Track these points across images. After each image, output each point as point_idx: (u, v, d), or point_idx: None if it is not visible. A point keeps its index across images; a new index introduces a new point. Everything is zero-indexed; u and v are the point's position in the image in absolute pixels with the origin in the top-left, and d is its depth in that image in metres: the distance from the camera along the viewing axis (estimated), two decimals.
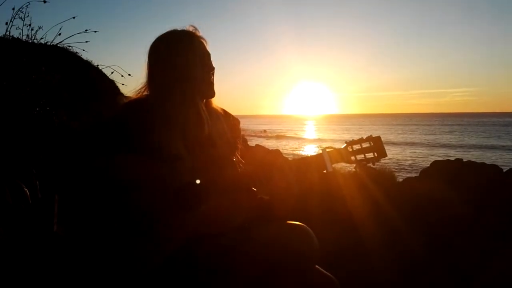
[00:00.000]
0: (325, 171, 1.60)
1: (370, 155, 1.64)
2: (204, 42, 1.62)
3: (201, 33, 1.63)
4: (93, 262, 1.42)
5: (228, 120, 1.71)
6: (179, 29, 1.62)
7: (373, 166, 1.66)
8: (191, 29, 1.62)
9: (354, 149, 1.63)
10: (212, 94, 1.63)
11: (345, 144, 1.64)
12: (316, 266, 1.54)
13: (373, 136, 1.65)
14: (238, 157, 1.67)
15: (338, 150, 1.63)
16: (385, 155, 1.65)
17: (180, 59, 1.55)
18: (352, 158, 1.63)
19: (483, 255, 2.92)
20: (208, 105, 1.65)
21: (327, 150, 1.61)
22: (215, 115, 1.65)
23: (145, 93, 1.61)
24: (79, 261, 1.48)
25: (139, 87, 1.62)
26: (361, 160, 1.63)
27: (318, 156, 1.60)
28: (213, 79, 1.62)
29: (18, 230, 2.32)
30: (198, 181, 1.46)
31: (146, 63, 1.61)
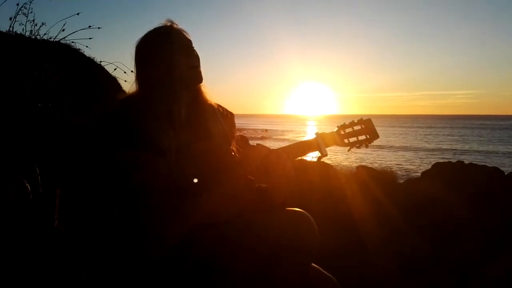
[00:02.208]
0: (319, 154, 1.62)
1: (362, 137, 1.66)
2: (181, 32, 1.63)
3: (179, 24, 1.65)
4: (96, 256, 1.43)
5: (223, 113, 1.73)
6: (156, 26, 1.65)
7: (366, 148, 1.68)
8: (167, 23, 1.64)
9: (346, 132, 1.66)
10: (198, 78, 1.63)
11: (337, 128, 1.66)
12: (316, 266, 1.54)
13: (364, 119, 1.69)
14: (235, 146, 1.69)
15: (331, 133, 1.66)
16: (377, 136, 1.67)
17: (156, 53, 1.57)
18: (345, 141, 1.65)
19: (483, 256, 2.93)
20: (203, 100, 1.66)
21: (320, 134, 1.63)
22: (210, 110, 1.67)
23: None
24: (81, 256, 1.49)
25: (131, 86, 1.65)
26: (354, 143, 1.66)
27: (312, 140, 1.62)
28: (197, 63, 1.62)
29: (19, 225, 2.33)
30: (195, 180, 1.48)
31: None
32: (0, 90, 3.51)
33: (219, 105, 1.73)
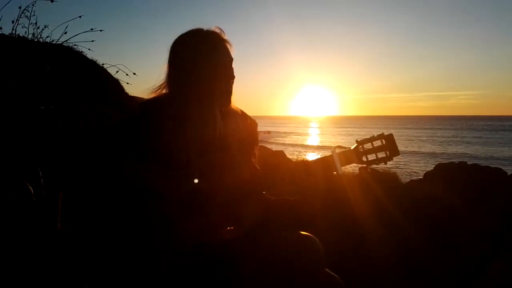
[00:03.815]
0: (334, 172, 1.53)
1: (381, 154, 1.55)
2: (229, 46, 1.56)
3: (226, 36, 1.55)
4: (104, 262, 1.42)
5: (245, 121, 1.67)
6: (204, 29, 1.54)
7: (385, 165, 1.57)
8: (217, 30, 1.55)
9: (365, 148, 1.55)
10: (227, 103, 1.58)
11: (356, 144, 1.56)
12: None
13: (385, 134, 1.57)
14: (252, 162, 1.63)
15: (349, 151, 1.56)
16: (397, 153, 1.56)
17: (203, 60, 1.49)
18: (363, 158, 1.55)
19: (483, 256, 2.92)
20: (227, 110, 1.60)
21: (337, 151, 1.54)
22: (232, 115, 1.61)
23: (163, 91, 1.57)
24: (89, 261, 1.48)
25: (158, 84, 1.57)
26: (373, 160, 1.55)
27: (328, 157, 1.53)
28: (231, 88, 1.57)
29: (22, 228, 2.34)
30: (196, 180, 1.45)
31: (167, 60, 1.55)
32: (2, 93, 3.53)
33: (242, 112, 1.67)
